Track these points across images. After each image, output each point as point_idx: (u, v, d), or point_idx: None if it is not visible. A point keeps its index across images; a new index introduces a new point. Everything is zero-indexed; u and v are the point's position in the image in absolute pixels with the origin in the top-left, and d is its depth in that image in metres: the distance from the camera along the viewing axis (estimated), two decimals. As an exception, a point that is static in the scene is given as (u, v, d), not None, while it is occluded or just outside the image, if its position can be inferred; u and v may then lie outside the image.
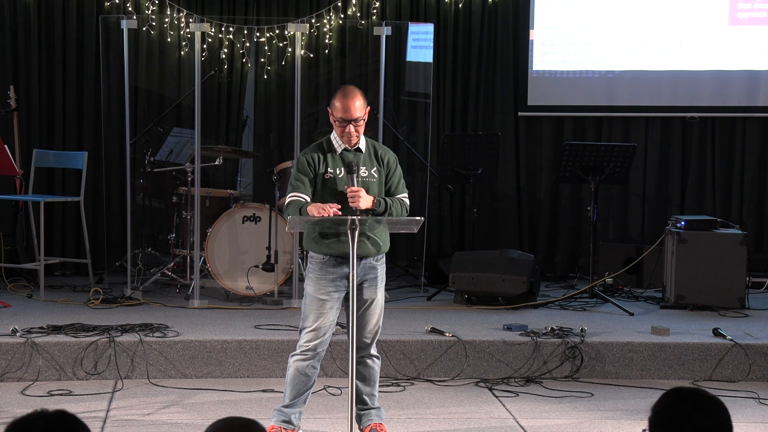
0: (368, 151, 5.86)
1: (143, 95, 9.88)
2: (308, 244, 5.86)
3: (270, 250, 8.56)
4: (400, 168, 5.95)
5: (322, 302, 5.78)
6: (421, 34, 9.88)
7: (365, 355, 5.91)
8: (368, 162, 5.83)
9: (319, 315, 5.78)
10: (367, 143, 5.88)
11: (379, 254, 5.86)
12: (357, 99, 5.73)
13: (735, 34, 10.21)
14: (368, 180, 5.79)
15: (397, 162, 5.93)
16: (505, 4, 10.22)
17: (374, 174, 5.82)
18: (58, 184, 9.90)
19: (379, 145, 5.97)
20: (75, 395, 6.79)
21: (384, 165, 5.86)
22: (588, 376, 7.41)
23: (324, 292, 5.77)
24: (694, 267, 8.74)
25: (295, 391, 5.86)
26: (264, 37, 9.89)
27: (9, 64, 9.75)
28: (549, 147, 10.38)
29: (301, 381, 5.85)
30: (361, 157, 5.82)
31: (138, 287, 8.85)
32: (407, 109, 10.07)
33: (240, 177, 10.14)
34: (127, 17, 9.07)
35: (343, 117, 5.72)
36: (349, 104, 5.72)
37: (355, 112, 5.72)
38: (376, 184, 5.82)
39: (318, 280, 5.79)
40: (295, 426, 5.91)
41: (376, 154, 5.86)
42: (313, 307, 5.80)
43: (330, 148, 5.83)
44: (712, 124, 10.42)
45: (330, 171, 5.78)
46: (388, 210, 5.76)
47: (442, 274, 9.43)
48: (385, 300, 6.05)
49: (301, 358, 5.83)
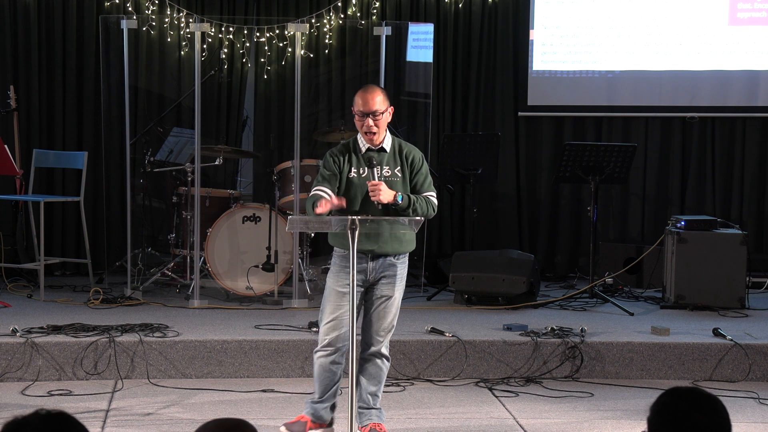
0: (393, 150, 5.89)
1: (143, 95, 9.88)
2: (332, 238, 5.92)
3: (270, 250, 8.56)
4: (426, 166, 5.96)
5: (341, 294, 5.80)
6: (421, 34, 9.88)
7: (375, 353, 5.91)
8: (392, 161, 5.86)
9: (337, 307, 5.81)
10: (392, 142, 5.91)
11: (401, 253, 5.88)
12: (377, 94, 5.80)
13: (735, 34, 10.21)
14: (391, 179, 5.81)
15: (423, 160, 5.95)
16: (505, 4, 10.22)
17: (398, 173, 5.84)
18: (58, 184, 9.90)
19: (405, 143, 5.98)
20: (75, 395, 6.79)
21: (408, 164, 5.88)
22: (588, 376, 7.41)
23: (342, 284, 5.79)
24: (694, 267, 8.74)
25: (323, 386, 5.92)
26: (264, 37, 9.90)
27: (9, 64, 9.76)
28: (549, 147, 10.38)
29: (327, 377, 5.90)
30: (384, 157, 5.84)
31: (138, 287, 8.85)
32: (407, 109, 10.06)
33: (240, 177, 10.14)
34: (127, 17, 9.07)
35: (362, 110, 5.78)
36: (368, 98, 5.78)
37: (374, 105, 5.76)
38: (400, 183, 5.83)
39: (337, 273, 5.84)
40: (326, 420, 5.97)
41: (400, 153, 5.89)
42: (330, 299, 5.84)
43: (355, 148, 5.88)
44: (712, 124, 10.42)
45: (354, 171, 5.82)
46: (411, 206, 5.77)
47: (442, 274, 9.44)
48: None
49: (322, 354, 5.87)
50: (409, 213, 5.75)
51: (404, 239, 5.86)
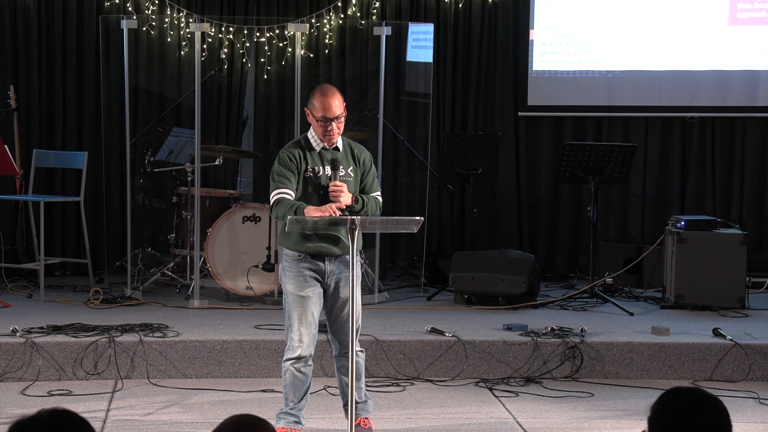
0: (345, 149, 5.91)
1: (143, 95, 9.88)
2: (283, 241, 5.89)
3: (270, 250, 8.56)
4: (374, 167, 6.03)
5: (305, 299, 5.81)
6: (421, 34, 9.88)
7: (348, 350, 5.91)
8: (345, 161, 5.88)
9: (303, 313, 5.81)
10: (343, 142, 5.93)
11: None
12: (336, 97, 5.78)
13: (735, 34, 10.21)
14: (345, 179, 5.84)
15: (372, 161, 6.00)
16: (505, 4, 10.22)
17: (351, 173, 5.89)
18: (58, 184, 9.90)
19: (355, 144, 6.02)
20: (75, 395, 6.80)
21: (360, 164, 5.92)
22: (588, 376, 7.41)
23: (304, 289, 5.80)
24: (694, 267, 8.74)
25: (298, 394, 5.88)
26: (264, 37, 9.89)
27: (9, 64, 9.76)
28: (549, 147, 10.38)
29: (300, 382, 5.87)
30: (339, 156, 5.85)
31: (138, 287, 8.85)
32: (407, 109, 10.06)
33: (240, 177, 10.14)
34: (127, 17, 9.07)
35: (324, 116, 5.76)
36: (330, 102, 5.76)
37: (336, 110, 5.76)
38: (353, 183, 5.88)
39: (296, 278, 5.82)
40: (302, 425, 5.96)
41: (352, 153, 5.92)
42: (295, 306, 5.83)
43: (308, 146, 5.87)
44: (712, 124, 10.42)
45: (310, 169, 5.82)
46: (364, 207, 5.83)
47: (442, 274, 9.43)
48: (385, 300, 6.06)
49: (294, 361, 5.84)
50: (362, 214, 5.79)
51: (359, 238, 5.86)
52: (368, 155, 5.99)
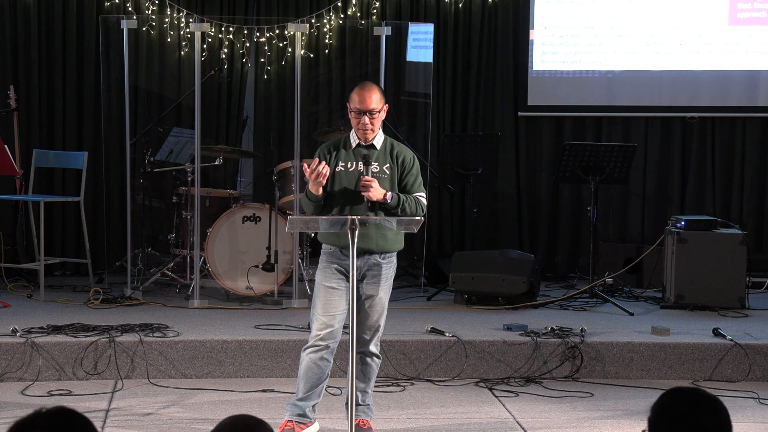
0: (384, 148, 5.91)
1: (143, 95, 9.88)
2: (320, 234, 5.93)
3: (270, 250, 8.56)
4: (418, 166, 5.98)
5: (330, 291, 5.82)
6: (421, 34, 9.88)
7: (365, 351, 5.92)
8: (382, 158, 5.87)
9: (327, 303, 5.82)
10: (384, 140, 5.93)
11: (386, 252, 5.87)
12: (374, 92, 5.82)
13: (735, 34, 10.21)
14: (379, 175, 5.82)
15: (414, 160, 5.96)
16: (505, 4, 10.22)
17: (386, 170, 5.86)
18: (58, 184, 9.90)
19: (397, 143, 6.00)
20: (75, 395, 6.79)
21: (398, 163, 5.90)
22: (588, 376, 7.41)
23: (330, 281, 5.81)
24: (694, 267, 8.74)
25: (309, 384, 5.88)
26: (264, 37, 9.90)
27: (9, 64, 9.76)
28: (549, 147, 10.38)
29: (314, 373, 5.86)
30: (374, 153, 5.85)
31: (138, 287, 8.84)
32: (407, 109, 10.07)
33: (240, 177, 10.14)
34: (127, 17, 9.07)
35: (358, 108, 5.80)
36: (365, 95, 5.80)
37: (371, 103, 5.79)
38: (387, 181, 5.85)
39: (324, 270, 5.86)
40: (310, 419, 5.93)
41: (391, 152, 5.91)
42: (320, 295, 5.85)
43: (346, 143, 5.91)
44: (712, 124, 10.42)
45: (342, 164, 5.84)
46: (400, 205, 5.79)
47: (442, 274, 9.43)
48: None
49: (312, 350, 5.85)
50: (398, 212, 5.77)
51: (390, 238, 5.86)
52: (410, 154, 5.96)
